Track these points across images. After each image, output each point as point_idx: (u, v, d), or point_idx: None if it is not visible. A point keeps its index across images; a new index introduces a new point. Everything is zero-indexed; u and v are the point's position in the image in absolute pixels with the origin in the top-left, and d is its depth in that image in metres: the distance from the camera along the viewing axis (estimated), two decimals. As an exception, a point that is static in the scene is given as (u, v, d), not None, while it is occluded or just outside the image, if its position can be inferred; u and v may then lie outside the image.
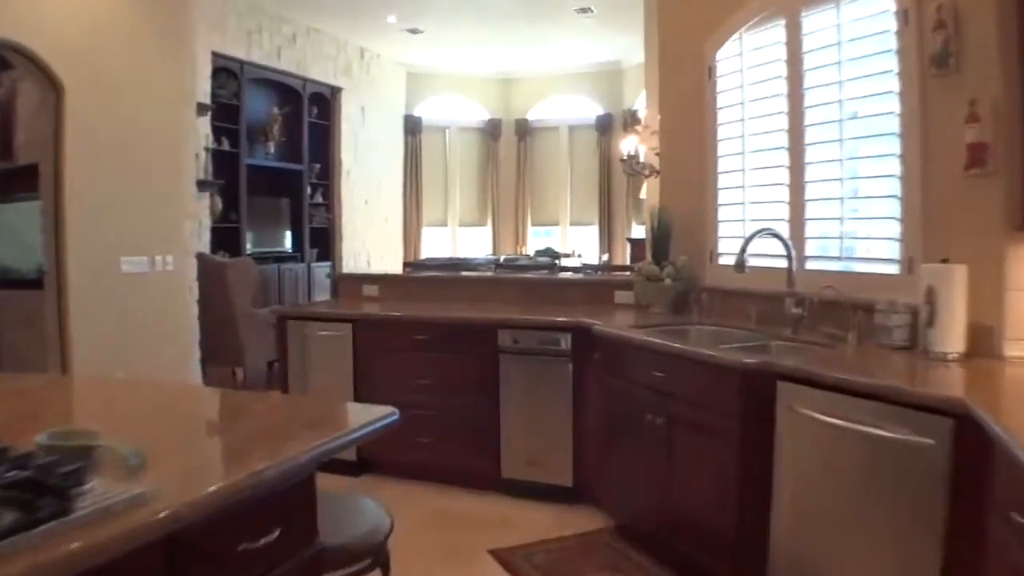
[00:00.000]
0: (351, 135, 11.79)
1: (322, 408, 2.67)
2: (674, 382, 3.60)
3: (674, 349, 3.60)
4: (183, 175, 6.91)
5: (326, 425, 2.22)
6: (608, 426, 4.22)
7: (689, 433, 3.53)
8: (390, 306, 5.57)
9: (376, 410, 2.40)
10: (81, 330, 6.02)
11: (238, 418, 2.48)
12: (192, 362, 6.98)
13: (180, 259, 6.83)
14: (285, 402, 3.28)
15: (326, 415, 2.49)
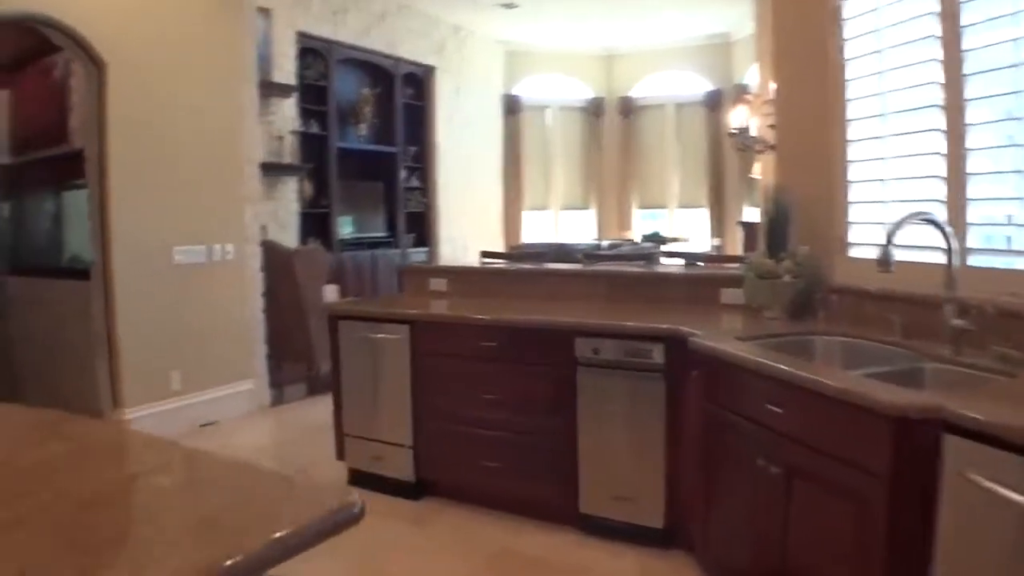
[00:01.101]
0: (447, 116, 10.96)
1: (248, 487, 1.73)
2: (795, 420, 2.60)
3: (796, 378, 2.56)
4: (243, 157, 6.06)
5: (231, 527, 1.36)
6: (709, 462, 3.25)
7: (814, 491, 2.54)
8: (457, 304, 4.73)
9: (325, 499, 1.53)
10: (129, 325, 5.43)
11: (93, 507, 1.54)
12: (256, 360, 6.22)
13: (242, 247, 6.04)
14: (190, 465, 1.96)
15: (248, 501, 1.57)
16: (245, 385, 6.20)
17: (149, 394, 5.57)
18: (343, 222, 9.79)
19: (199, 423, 5.85)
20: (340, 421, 4.68)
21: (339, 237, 9.59)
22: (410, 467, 4.41)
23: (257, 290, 6.32)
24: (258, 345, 6.32)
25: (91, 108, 5.40)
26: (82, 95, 5.63)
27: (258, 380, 6.31)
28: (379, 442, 4.51)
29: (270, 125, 8.62)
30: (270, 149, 8.59)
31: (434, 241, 11.15)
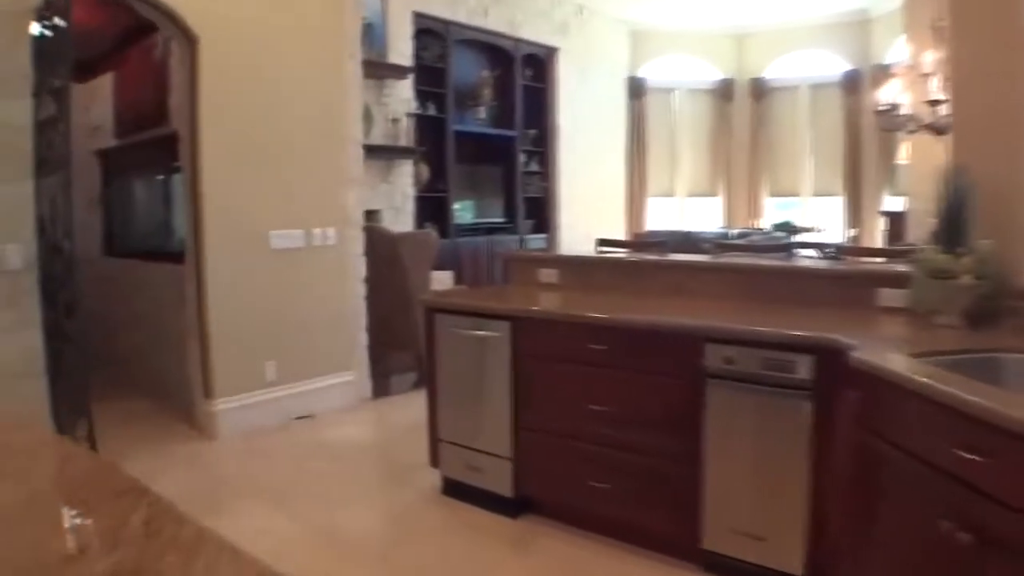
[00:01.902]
0: (568, 99, 10.26)
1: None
2: (996, 476, 1.83)
3: (1012, 422, 1.65)
4: (345, 137, 5.51)
5: None
6: (865, 508, 2.48)
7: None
8: (567, 299, 4.04)
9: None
10: (222, 312, 5.02)
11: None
12: (357, 351, 5.69)
13: (343, 231, 5.50)
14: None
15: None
16: (344, 377, 5.68)
17: (242, 384, 5.13)
18: (460, 207, 9.38)
19: (294, 416, 5.36)
20: (435, 425, 4.10)
21: (455, 222, 9.21)
22: (509, 481, 3.78)
23: (359, 277, 5.78)
24: (359, 334, 5.80)
25: (184, 86, 4.94)
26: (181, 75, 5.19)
27: (359, 372, 5.79)
28: (476, 451, 3.91)
29: (385, 107, 8.16)
30: (385, 132, 8.14)
31: (554, 228, 10.53)
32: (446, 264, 8.18)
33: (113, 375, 6.78)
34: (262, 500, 4.08)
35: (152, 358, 5.98)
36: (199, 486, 4.32)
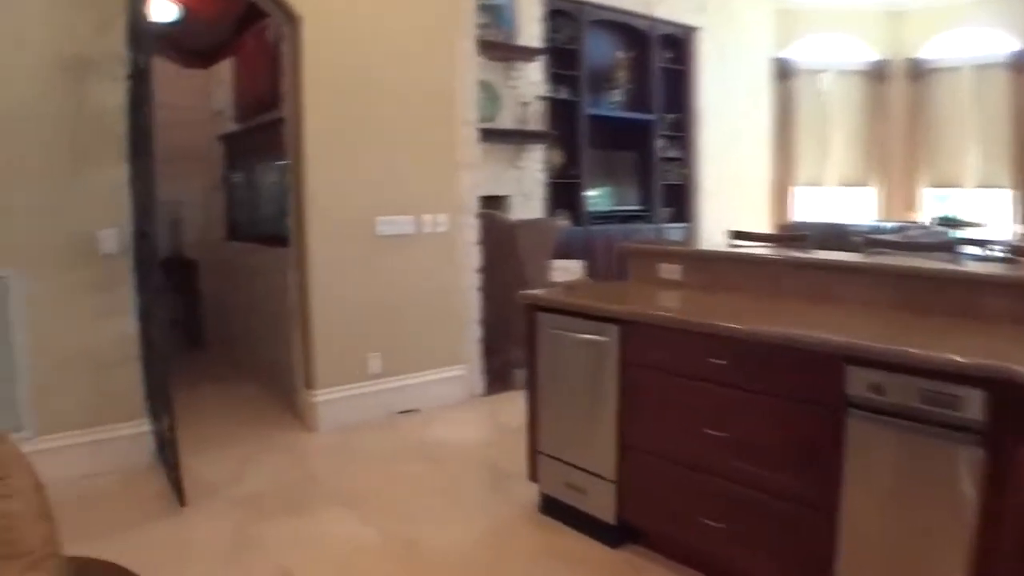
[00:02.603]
0: (709, 81, 9.51)
1: None
2: None
3: None
4: (458, 119, 5.06)
5: None
6: None
7: None
8: (689, 301, 3.48)
9: None
10: (325, 300, 4.71)
11: None
12: (468, 344, 5.26)
13: (456, 218, 5.06)
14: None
15: None
16: (454, 371, 5.25)
17: (344, 375, 4.81)
18: (594, 194, 8.82)
19: (397, 410, 4.97)
20: (534, 436, 3.61)
21: (588, 209, 8.66)
22: (611, 506, 3.25)
23: (472, 266, 5.31)
24: (472, 327, 5.35)
25: (288, 67, 4.61)
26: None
27: (469, 366, 5.34)
28: (577, 468, 3.39)
29: (514, 90, 7.68)
30: (514, 115, 7.68)
31: (693, 217, 9.79)
32: (577, 253, 7.67)
33: (228, 357, 6.65)
34: (347, 502, 3.74)
35: (264, 343, 5.75)
36: (287, 480, 4.03)
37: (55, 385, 3.93)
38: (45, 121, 3.84)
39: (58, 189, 3.89)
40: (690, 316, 2.93)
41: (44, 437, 3.90)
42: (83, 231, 3.96)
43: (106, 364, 4.06)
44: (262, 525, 3.48)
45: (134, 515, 3.57)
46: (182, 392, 5.64)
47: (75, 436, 3.99)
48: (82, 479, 3.92)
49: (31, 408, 3.89)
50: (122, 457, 4.06)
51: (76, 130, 3.91)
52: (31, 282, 3.85)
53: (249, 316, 6.20)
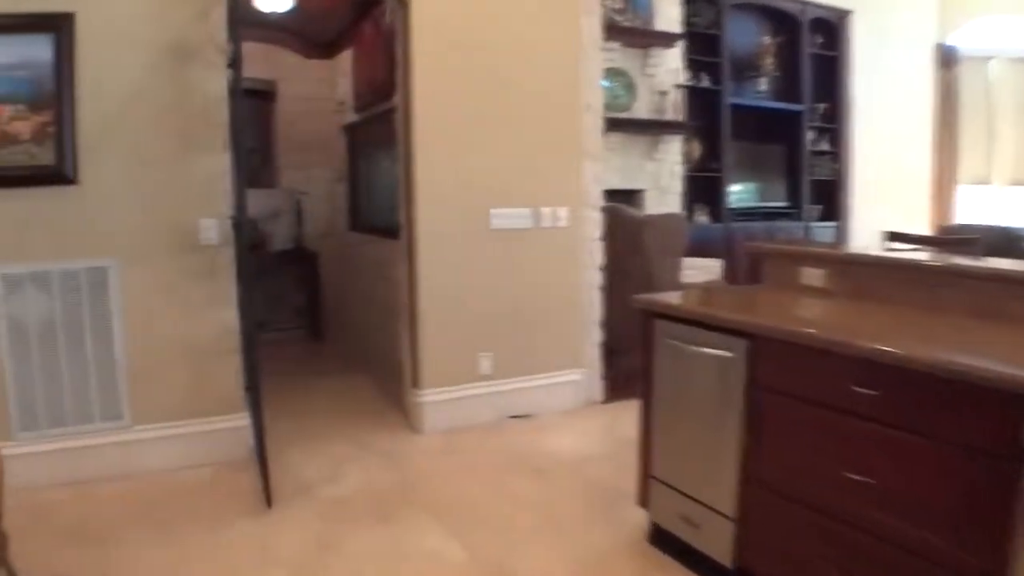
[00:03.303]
0: (864, 69, 8.60)
1: None
2: None
3: None
4: (581, 105, 4.59)
5: None
6: None
7: None
8: (831, 314, 2.88)
9: None
10: (434, 297, 4.38)
11: None
12: (588, 347, 4.81)
13: (578, 212, 4.60)
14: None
15: None
16: (571, 375, 4.78)
17: (453, 376, 4.47)
18: (736, 189, 8.23)
19: (509, 414, 4.55)
20: (647, 458, 3.14)
21: (730, 205, 8.10)
22: (728, 547, 2.75)
23: (595, 264, 4.81)
24: (592, 329, 4.86)
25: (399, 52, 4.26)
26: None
27: (588, 371, 4.86)
28: (692, 500, 2.90)
29: (651, 79, 7.15)
30: (651, 105, 7.15)
31: (844, 215, 8.97)
32: (716, 252, 7.04)
33: (346, 350, 6.44)
34: (439, 513, 3.39)
35: (379, 338, 5.47)
36: (381, 484, 3.73)
37: (153, 375, 3.78)
38: (147, 109, 3.69)
39: (159, 178, 3.74)
40: (833, 333, 2.36)
41: (140, 427, 3.79)
42: (184, 220, 3.78)
43: (205, 356, 3.87)
44: (346, 532, 3.20)
45: (220, 512, 3.37)
46: (296, 384, 5.48)
47: (171, 427, 3.84)
48: (176, 471, 3.78)
49: (128, 398, 3.77)
50: (218, 451, 3.88)
51: (178, 118, 3.74)
52: (131, 271, 3.71)
53: (366, 309, 5.96)
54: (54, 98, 3.53)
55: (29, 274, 3.57)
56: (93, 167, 3.60)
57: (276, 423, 4.52)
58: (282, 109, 6.93)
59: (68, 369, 3.66)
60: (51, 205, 3.57)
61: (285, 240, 6.74)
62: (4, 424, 3.59)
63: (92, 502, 3.48)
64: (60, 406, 3.66)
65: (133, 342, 3.74)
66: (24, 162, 3.52)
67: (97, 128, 3.59)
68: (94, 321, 3.68)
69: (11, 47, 3.47)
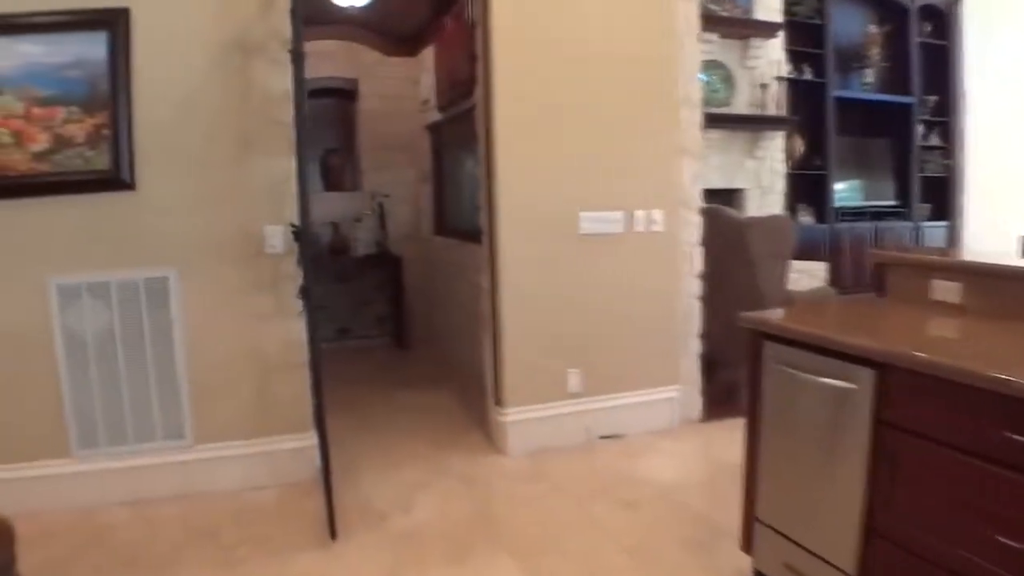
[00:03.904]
0: (978, 58, 7.74)
1: None
2: None
3: None
4: (678, 98, 4.08)
5: None
6: None
7: None
8: (973, 339, 2.28)
9: None
10: (517, 306, 3.94)
11: None
12: (687, 361, 4.34)
13: (674, 215, 4.10)
14: None
15: None
16: (667, 392, 4.26)
17: (538, 393, 4.03)
18: (841, 187, 7.66)
19: (599, 435, 4.07)
20: (751, 496, 2.64)
21: (835, 204, 7.54)
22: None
23: (694, 271, 4.28)
24: (690, 341, 4.34)
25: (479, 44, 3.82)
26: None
27: (687, 387, 4.33)
28: (803, 549, 2.39)
29: (751, 71, 6.56)
30: (751, 99, 6.57)
31: (958, 215, 8.22)
32: (820, 254, 6.41)
33: (430, 360, 6.03)
34: (518, 550, 2.97)
35: (463, 349, 5.08)
36: (458, 514, 3.32)
37: (216, 391, 3.49)
38: (207, 109, 3.39)
39: (221, 182, 3.44)
40: (980, 366, 1.80)
41: (202, 446, 3.50)
42: (248, 227, 3.47)
43: (270, 371, 3.56)
44: (414, 572, 2.81)
45: (282, 541, 3.05)
46: (376, 396, 5.09)
47: (235, 447, 3.54)
48: (239, 493, 3.48)
49: (191, 415, 3.48)
50: (284, 472, 3.56)
51: (240, 119, 3.44)
52: (192, 281, 3.43)
53: (452, 317, 5.58)
54: (109, 99, 3.25)
55: (86, 284, 3.31)
56: (150, 171, 3.32)
57: (349, 440, 4.16)
58: (364, 108, 6.57)
59: (128, 384, 3.40)
60: (107, 212, 3.31)
61: (368, 244, 6.38)
62: (62, 441, 3.36)
63: (150, 524, 3.22)
64: (120, 423, 3.40)
65: (195, 356, 3.46)
66: (79, 167, 3.25)
67: (154, 130, 3.32)
68: (154, 334, 3.40)
69: (64, 45, 3.20)
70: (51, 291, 3.25)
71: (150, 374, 3.39)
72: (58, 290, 3.26)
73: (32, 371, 3.28)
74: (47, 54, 3.16)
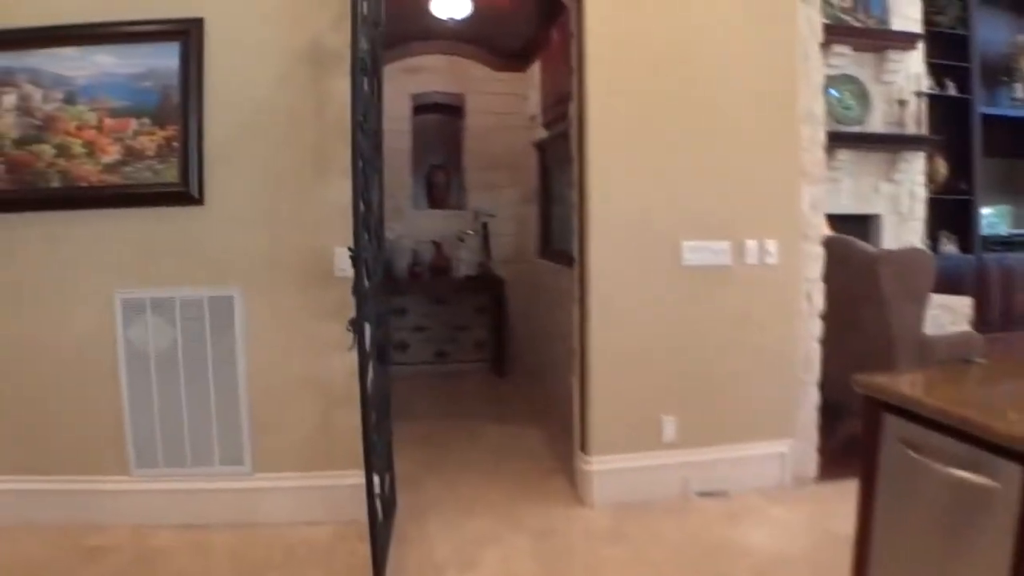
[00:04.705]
0: None
1: None
2: None
3: None
4: (797, 115, 3.52)
5: None
6: None
7: None
8: None
9: None
10: (607, 343, 3.46)
11: None
12: (802, 412, 3.77)
13: (792, 245, 3.59)
14: None
15: None
16: (777, 446, 3.69)
17: (629, 440, 3.55)
18: (990, 213, 6.88)
19: (696, 491, 3.50)
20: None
21: (982, 232, 6.77)
22: None
23: (814, 310, 3.70)
24: (808, 390, 3.77)
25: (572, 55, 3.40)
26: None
27: (801, 441, 3.76)
28: None
29: (887, 86, 5.85)
30: (888, 116, 5.87)
31: None
32: (964, 288, 5.64)
33: (527, 392, 5.57)
34: None
35: (560, 382, 4.61)
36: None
37: (277, 420, 3.22)
38: (279, 123, 3.14)
39: (291, 199, 3.19)
40: None
41: (261, 475, 3.23)
42: (318, 248, 3.19)
43: (335, 401, 3.23)
44: None
45: None
46: (461, 430, 4.70)
47: (293, 478, 3.25)
48: (294, 526, 3.18)
49: (251, 442, 3.22)
50: (343, 508, 3.19)
51: (314, 133, 3.17)
52: (257, 302, 3.18)
53: (551, 347, 5.17)
54: (180, 111, 3.01)
55: (150, 299, 3.13)
56: (219, 186, 3.11)
57: (423, 479, 3.80)
58: (470, 125, 6.25)
59: (188, 405, 3.19)
60: (174, 226, 3.12)
61: (470, 265, 6.03)
62: (121, 458, 3.19)
63: (201, 552, 2.99)
64: (179, 444, 3.20)
65: (257, 380, 3.20)
66: (148, 179, 3.06)
67: (224, 143, 3.12)
68: (216, 355, 3.18)
69: (137, 56, 3.02)
70: (116, 305, 3.10)
71: (211, 396, 3.17)
72: (123, 304, 3.10)
73: (95, 384, 3.14)
74: (120, 65, 3.00)
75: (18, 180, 2.98)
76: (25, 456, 3.17)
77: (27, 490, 3.15)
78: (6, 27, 2.95)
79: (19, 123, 2.97)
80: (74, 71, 2.96)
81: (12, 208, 2.99)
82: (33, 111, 2.97)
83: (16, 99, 2.97)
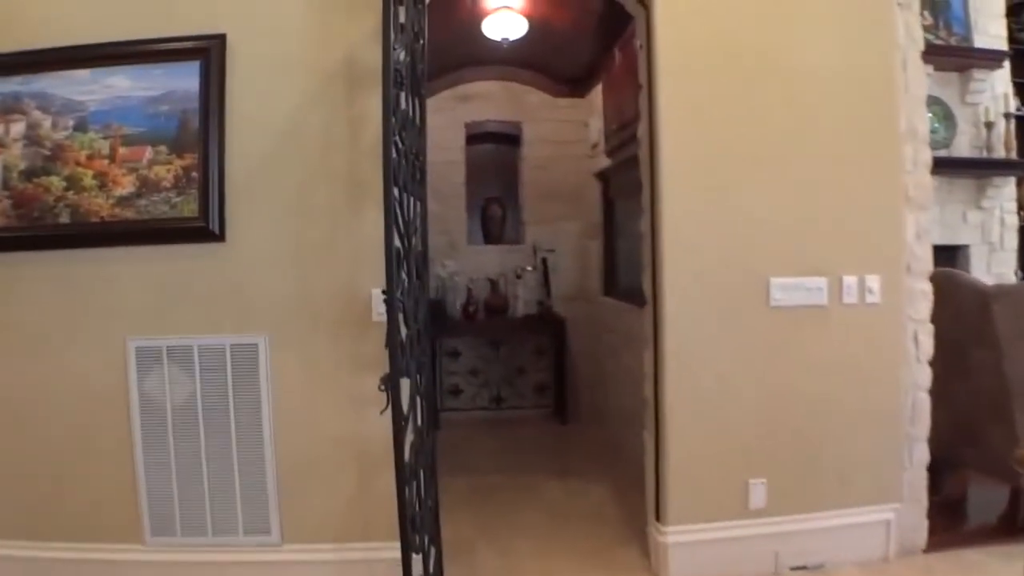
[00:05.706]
0: None
1: None
2: None
3: None
4: (897, 136, 2.87)
5: None
6: None
7: None
8: None
9: None
10: (684, 397, 2.91)
11: None
12: (910, 471, 3.18)
13: (894, 281, 2.99)
14: None
15: None
16: (881, 512, 3.06)
17: (710, 507, 2.97)
18: None
19: (789, 565, 2.88)
20: None
21: None
22: None
23: (922, 355, 3.05)
24: (915, 447, 3.14)
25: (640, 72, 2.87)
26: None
27: (909, 505, 3.11)
28: None
29: (972, 108, 5.22)
30: (973, 140, 5.22)
31: None
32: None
33: (592, 441, 4.96)
34: None
35: (630, 432, 4.07)
36: None
37: (308, 484, 2.75)
38: (308, 149, 2.70)
39: (322, 234, 2.74)
40: None
41: (290, 546, 2.74)
42: (352, 289, 2.70)
43: (373, 465, 2.73)
44: None
45: None
46: (519, 485, 4.12)
47: (327, 551, 2.74)
48: None
49: (278, 509, 2.74)
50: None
51: (347, 160, 2.73)
52: (285, 350, 2.72)
53: (620, 392, 4.57)
54: (199, 137, 2.56)
55: (167, 347, 2.68)
56: (242, 220, 2.66)
57: (474, 544, 3.24)
58: (528, 155, 5.74)
59: (209, 466, 2.74)
60: (192, 265, 2.69)
61: (529, 303, 5.50)
62: (135, 525, 2.74)
63: None
64: (199, 510, 2.74)
65: (286, 438, 2.73)
66: (164, 214, 2.61)
67: (248, 173, 2.69)
68: (240, 409, 2.73)
69: (153, 78, 2.58)
70: (129, 353, 2.67)
71: (234, 456, 2.71)
72: (137, 352, 2.66)
73: (106, 442, 2.72)
74: (135, 87, 2.61)
75: (25, 216, 2.59)
76: (29, 521, 2.75)
77: (31, 557, 2.72)
78: (13, 50, 2.59)
79: (26, 154, 2.59)
80: (85, 95, 2.57)
81: (17, 246, 2.60)
82: (42, 140, 2.60)
83: (24, 127, 2.59)
